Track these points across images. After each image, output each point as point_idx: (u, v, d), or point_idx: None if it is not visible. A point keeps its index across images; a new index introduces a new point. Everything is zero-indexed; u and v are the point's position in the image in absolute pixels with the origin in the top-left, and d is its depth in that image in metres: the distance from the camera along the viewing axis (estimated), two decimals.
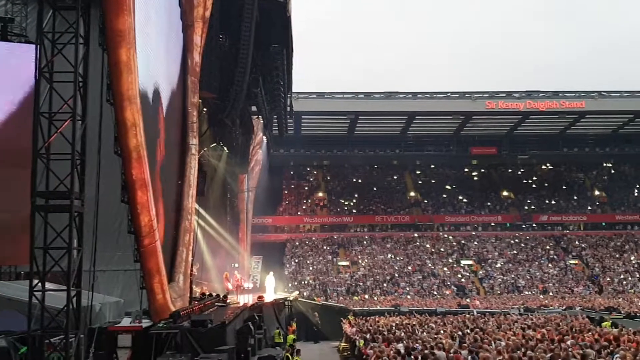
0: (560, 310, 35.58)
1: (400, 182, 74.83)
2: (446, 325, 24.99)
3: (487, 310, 34.18)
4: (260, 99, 32.02)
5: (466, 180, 73.86)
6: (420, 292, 53.49)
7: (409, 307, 37.31)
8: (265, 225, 64.45)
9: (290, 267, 58.08)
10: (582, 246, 63.55)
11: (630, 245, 63.44)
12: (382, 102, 60.88)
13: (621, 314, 31.42)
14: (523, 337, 20.37)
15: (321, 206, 69.92)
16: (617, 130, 65.32)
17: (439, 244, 63.82)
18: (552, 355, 15.94)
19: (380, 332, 22.15)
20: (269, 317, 28.29)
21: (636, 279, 56.46)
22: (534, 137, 66.88)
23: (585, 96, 60.89)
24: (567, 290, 54.33)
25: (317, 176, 74.96)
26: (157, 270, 16.08)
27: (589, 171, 74.88)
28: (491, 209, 69.45)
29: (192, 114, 21.58)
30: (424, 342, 18.95)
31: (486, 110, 59.76)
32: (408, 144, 67.32)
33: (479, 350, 17.21)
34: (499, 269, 58.88)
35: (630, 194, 71.05)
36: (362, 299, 49.33)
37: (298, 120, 58.98)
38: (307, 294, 48.77)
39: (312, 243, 63.95)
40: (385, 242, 64.16)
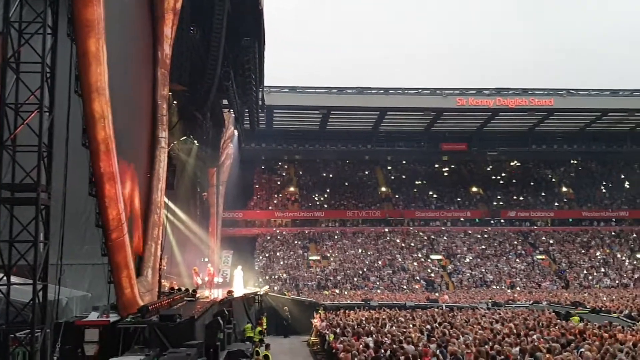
0: (527, 304, 36.07)
1: (371, 177, 75.16)
2: (415, 319, 25.20)
3: (456, 305, 34.55)
4: (232, 92, 31.78)
5: (436, 176, 74.48)
6: (390, 286, 53.84)
7: (379, 301, 37.53)
8: (236, 219, 64.23)
9: (260, 262, 57.99)
10: (549, 242, 64.56)
11: (596, 241, 64.65)
12: (355, 97, 61.06)
13: (587, 308, 31.93)
14: (491, 331, 20.64)
15: (292, 201, 69.89)
16: (584, 128, 66.43)
17: (409, 239, 64.28)
18: (520, 349, 16.18)
19: (350, 327, 22.26)
20: (239, 312, 28.20)
21: (601, 274, 57.57)
22: (503, 133, 67.75)
23: (554, 94, 61.84)
24: (534, 285, 55.17)
25: (288, 171, 74.89)
26: (125, 264, 15.89)
27: (556, 168, 76.08)
28: (460, 204, 70.15)
29: (162, 106, 21.30)
30: (393, 336, 19.09)
31: (457, 107, 60.31)
32: (380, 139, 67.62)
33: (447, 344, 17.39)
34: (468, 263, 59.54)
35: (596, 191, 72.41)
36: (332, 294, 49.46)
37: (270, 114, 58.85)
38: (278, 288, 48.77)
39: (283, 238, 63.91)
40: (356, 237, 64.41)
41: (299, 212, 68.20)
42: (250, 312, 30.25)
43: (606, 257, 61.28)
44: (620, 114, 62.62)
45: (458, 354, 15.79)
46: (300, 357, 25.85)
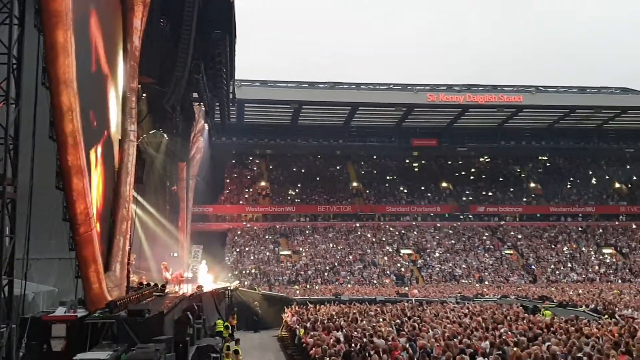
0: (495, 298, 36.52)
1: (343, 172, 75.33)
2: (385, 313, 25.34)
3: (425, 299, 34.82)
4: (202, 85, 31.50)
5: (407, 171, 74.98)
6: (360, 281, 54.08)
7: (349, 296, 37.65)
8: (206, 214, 63.86)
9: (231, 257, 57.77)
10: (517, 237, 65.46)
11: (563, 236, 65.75)
12: (326, 92, 61.05)
13: (554, 302, 32.44)
14: (459, 325, 20.85)
15: (263, 195, 69.72)
16: (552, 124, 67.37)
17: (380, 233, 64.62)
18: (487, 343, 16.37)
19: (320, 321, 22.29)
20: (209, 307, 28.06)
21: (568, 269, 58.57)
22: (473, 129, 68.34)
23: (523, 91, 62.61)
24: (503, 279, 55.91)
25: (259, 165, 74.68)
26: (93, 259, 15.69)
27: (525, 164, 77.15)
28: (430, 199, 70.73)
29: (131, 99, 21.04)
30: (363, 331, 19.18)
31: (427, 103, 60.69)
32: (351, 134, 67.71)
33: (416, 338, 17.53)
34: (437, 258, 60.08)
35: (564, 187, 73.61)
36: (302, 288, 49.48)
37: (241, 108, 58.48)
38: (248, 283, 48.62)
39: (254, 232, 63.75)
40: (327, 231, 64.54)
41: (270, 206, 68.07)
42: (220, 307, 30.11)
43: (573, 252, 62.37)
44: (587, 111, 63.63)
45: (427, 347, 15.92)
46: (270, 351, 25.81)
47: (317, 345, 17.43)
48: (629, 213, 70.80)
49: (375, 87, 63.60)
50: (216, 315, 28.63)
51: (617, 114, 64.16)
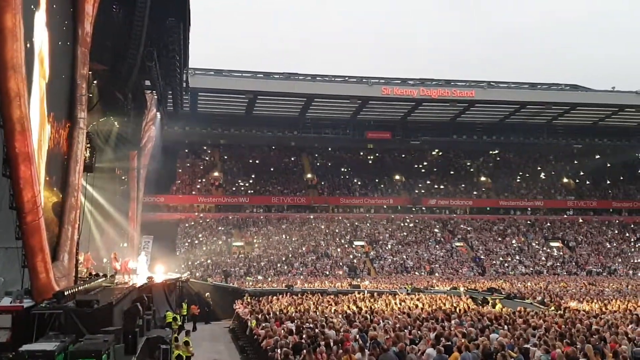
0: (445, 290, 37.10)
1: (297, 163, 75.30)
2: (337, 305, 25.50)
3: (377, 290, 35.13)
4: (155, 73, 30.92)
5: (361, 164, 75.44)
6: (313, 272, 54.19)
7: (302, 287, 37.73)
8: (157, 204, 62.98)
9: (182, 248, 57.14)
10: (467, 229, 66.60)
11: (512, 229, 67.20)
12: (282, 82, 60.71)
13: (502, 294, 33.15)
14: (410, 316, 21.12)
15: (216, 186, 69.15)
16: (503, 119, 68.51)
17: (333, 225, 64.86)
18: (437, 334, 16.61)
19: (272, 312, 22.28)
20: (159, 298, 27.74)
21: (516, 261, 59.90)
22: (427, 123, 68.96)
23: (475, 86, 63.48)
24: (453, 271, 56.81)
25: (213, 155, 74.01)
26: (40, 248, 15.35)
27: (476, 158, 78.47)
28: (384, 192, 71.33)
29: (81, 86, 20.55)
30: (315, 322, 19.24)
31: (382, 96, 60.90)
32: (306, 126, 67.49)
33: (367, 328, 17.67)
34: (390, 250, 60.67)
35: (513, 181, 75.21)
36: (255, 279, 49.33)
37: (194, 97, 57.63)
38: (200, 274, 48.20)
39: (207, 223, 63.20)
40: (281, 223, 64.45)
41: (223, 197, 67.58)
42: (170, 299, 29.78)
43: (521, 245, 63.81)
44: (538, 107, 64.91)
45: (378, 338, 16.07)
46: (221, 343, 25.70)
47: (269, 337, 17.42)
48: (576, 207, 72.86)
49: (330, 79, 63.60)
50: (167, 306, 28.33)
51: (566, 110, 65.66)
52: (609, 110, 66.17)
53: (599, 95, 64.65)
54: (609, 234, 67.72)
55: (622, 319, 19.65)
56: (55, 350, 12.06)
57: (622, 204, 73.85)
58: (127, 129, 34.09)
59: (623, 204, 73.85)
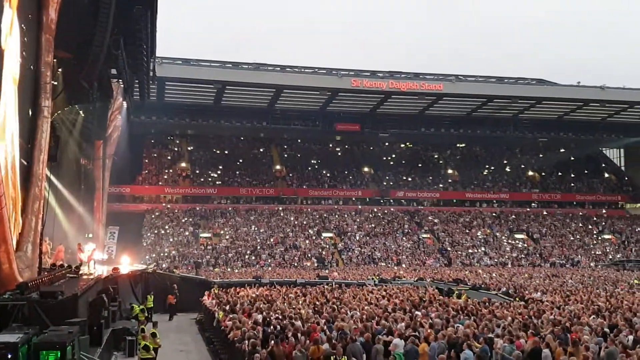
0: (412, 281, 37.35)
1: (266, 155, 75.07)
2: (305, 296, 25.49)
3: (345, 282, 35.21)
4: (121, 61, 30.39)
5: (330, 156, 75.54)
6: (281, 263, 54.16)
7: (270, 278, 37.63)
8: (123, 194, 62.38)
9: (149, 239, 56.57)
10: (434, 221, 67.20)
11: (478, 221, 68.00)
12: (251, 73, 60.36)
13: (467, 285, 33.50)
14: (377, 307, 21.21)
15: (184, 177, 68.56)
16: (471, 113, 69.17)
17: (302, 216, 64.85)
18: (404, 325, 16.71)
19: (240, 304, 22.17)
20: (125, 290, 27.42)
21: (482, 253, 60.66)
22: (395, 116, 69.26)
23: (443, 79, 63.93)
24: (419, 262, 57.28)
25: (180, 145, 73.33)
26: (3, 238, 14.98)
27: (443, 151, 79.17)
28: (352, 184, 71.54)
29: (46, 74, 20.11)
30: (283, 313, 19.20)
31: (351, 88, 60.94)
32: (275, 117, 67.17)
33: (335, 319, 17.70)
34: (358, 241, 60.92)
35: (479, 174, 76.09)
36: (222, 271, 49.09)
37: (161, 86, 56.83)
38: (167, 266, 47.76)
39: (173, 214, 62.63)
40: (249, 214, 64.22)
41: (191, 188, 67.06)
42: (136, 290, 29.45)
43: (487, 236, 64.63)
44: (504, 101, 65.65)
45: (345, 329, 16.11)
46: (188, 334, 25.52)
47: (237, 328, 17.33)
48: (541, 200, 74.06)
49: (300, 70, 63.45)
50: (132, 298, 28.02)
51: (532, 104, 66.55)
52: (573, 105, 67.32)
53: (564, 89, 65.73)
54: (572, 226, 68.99)
55: (584, 309, 20.01)
56: (18, 342, 11.81)
57: (585, 197, 75.28)
58: (93, 118, 33.60)
59: (586, 197, 75.29)
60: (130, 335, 20.00)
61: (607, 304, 21.38)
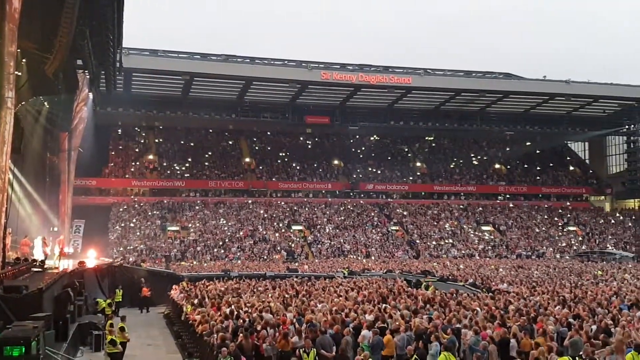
0: (381, 273, 37.59)
1: (235, 147, 74.68)
2: (275, 289, 25.48)
3: (314, 274, 35.27)
4: (87, 52, 29.85)
5: (300, 148, 75.48)
6: (251, 257, 53.96)
7: (239, 272, 37.51)
8: (89, 187, 61.53)
9: (115, 232, 55.87)
10: (403, 214, 67.62)
11: (445, 213, 68.64)
12: (219, 64, 59.85)
13: (435, 277, 33.82)
14: (346, 299, 21.30)
15: (151, 169, 67.82)
16: (439, 106, 69.70)
17: (272, 209, 64.70)
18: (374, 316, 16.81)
19: (208, 297, 22.07)
20: (91, 284, 27.07)
21: (450, 245, 61.25)
22: (365, 109, 69.42)
23: (412, 73, 64.31)
24: (388, 254, 57.61)
25: (147, 138, 72.52)
26: None
27: (412, 144, 79.68)
28: (322, 176, 71.59)
29: (9, 64, 19.62)
30: (252, 306, 19.17)
31: (321, 81, 60.91)
32: (245, 109, 66.78)
33: (304, 312, 17.72)
34: (327, 234, 61.01)
35: (447, 166, 76.78)
36: (190, 264, 48.75)
37: (128, 77, 56.07)
38: (134, 259, 47.24)
39: (140, 207, 61.94)
40: (218, 207, 63.84)
41: (158, 181, 66.36)
42: (103, 284, 29.09)
43: (454, 229, 65.28)
44: (472, 95, 66.29)
45: (314, 321, 16.15)
46: (156, 328, 25.33)
47: (205, 322, 17.26)
48: (507, 193, 75.08)
49: (269, 62, 63.14)
50: (99, 292, 27.68)
51: (499, 98, 67.34)
52: (539, 99, 68.40)
53: (530, 83, 66.66)
54: (538, 218, 70.08)
55: (550, 300, 20.35)
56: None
57: (550, 190, 76.53)
58: (58, 109, 33.00)
59: (552, 190, 76.53)
60: (96, 330, 19.80)
61: (571, 295, 21.77)
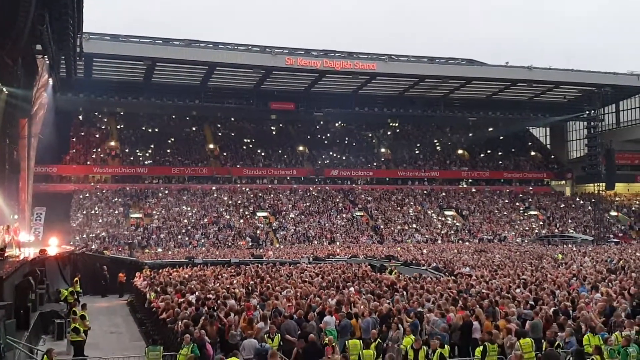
0: (345, 258, 37.83)
1: (199, 133, 74.09)
2: (239, 275, 25.47)
3: (279, 260, 35.30)
4: (47, 37, 29.17)
5: (265, 134, 75.25)
6: (215, 243, 53.74)
7: (203, 258, 37.35)
8: (50, 174, 60.49)
9: (77, 220, 55.05)
10: (367, 199, 68.03)
11: (409, 199, 69.28)
12: (182, 49, 59.09)
13: (399, 261, 34.17)
14: (311, 284, 21.43)
15: (113, 156, 66.89)
16: (403, 92, 70.06)
17: (236, 196, 64.47)
18: (337, 301, 16.96)
19: (172, 284, 21.97)
20: (53, 272, 26.68)
21: (413, 229, 61.87)
22: (330, 95, 69.30)
23: (376, 59, 64.35)
24: (353, 239, 57.94)
25: (109, 124, 71.46)
26: None
27: (376, 130, 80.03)
28: (287, 163, 71.52)
29: None
30: (216, 292, 19.14)
31: (285, 66, 60.65)
32: (208, 95, 66.04)
33: (269, 298, 17.79)
34: (292, 220, 61.07)
35: (411, 152, 77.41)
36: (154, 252, 48.35)
37: (89, 63, 54.98)
38: (96, 247, 46.66)
39: (103, 194, 61.11)
40: (182, 194, 63.34)
41: (120, 167, 65.53)
42: (65, 272, 28.70)
43: (418, 214, 65.94)
44: (435, 81, 66.81)
45: (279, 307, 16.23)
46: (119, 316, 25.14)
47: (169, 309, 17.18)
48: (470, 178, 76.08)
49: (233, 47, 62.50)
50: (61, 280, 27.31)
51: (462, 84, 67.99)
52: (502, 85, 69.31)
53: (493, 70, 67.36)
54: (500, 203, 71.19)
55: (511, 283, 20.74)
56: None
57: (512, 175, 77.80)
58: (17, 95, 32.23)
59: (513, 175, 77.81)
60: (59, 318, 19.57)
61: (532, 278, 22.22)
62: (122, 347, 18.14)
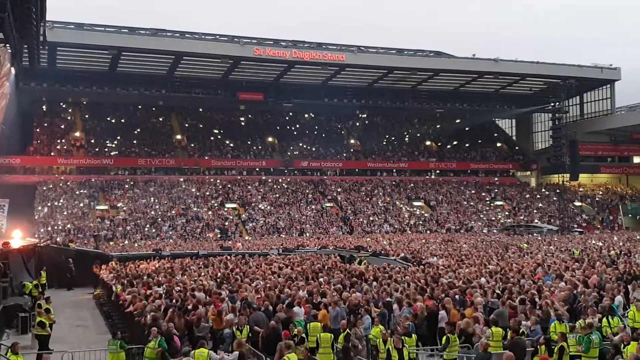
0: (315, 249, 37.84)
1: (166, 124, 73.30)
2: (208, 267, 25.30)
3: (248, 252, 35.14)
4: (8, 25, 28.48)
5: (233, 125, 74.77)
6: (183, 235, 53.27)
7: (171, 251, 36.99)
8: (13, 165, 59.33)
9: (41, 212, 54.02)
10: (337, 190, 68.11)
11: (378, 189, 69.58)
12: (148, 38, 58.21)
13: (368, 252, 34.32)
14: (280, 276, 21.37)
15: (78, 147, 65.72)
16: (372, 84, 70.22)
17: (204, 187, 63.96)
18: (307, 291, 16.95)
19: (139, 277, 21.71)
20: (17, 265, 26.10)
21: (382, 220, 62.18)
22: (299, 86, 69.03)
23: (346, 50, 64.34)
24: (323, 230, 58.00)
25: (73, 114, 70.19)
26: None
27: (346, 121, 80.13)
28: (256, 154, 71.17)
29: None
30: (184, 285, 18.98)
31: (254, 57, 60.24)
32: (175, 85, 65.22)
33: (238, 289, 17.68)
34: (262, 211, 60.84)
35: (380, 143, 77.67)
36: (120, 244, 47.70)
37: (53, 52, 53.84)
38: (61, 239, 45.87)
39: (67, 186, 60.05)
40: (149, 185, 62.59)
41: (85, 159, 64.42)
42: (29, 265, 28.12)
43: (387, 204, 66.26)
44: (404, 72, 67.06)
45: (249, 298, 16.14)
46: (85, 309, 24.75)
47: (136, 302, 16.97)
48: (438, 169, 76.71)
49: (200, 37, 61.84)
50: (25, 273, 26.76)
51: (430, 75, 68.41)
52: (469, 77, 69.93)
53: (460, 62, 67.82)
54: (467, 193, 71.91)
55: (477, 272, 20.95)
56: None
57: (479, 166, 78.63)
58: None
59: (480, 166, 78.64)
60: (23, 312, 19.21)
61: (498, 267, 22.49)
62: (88, 341, 17.85)
